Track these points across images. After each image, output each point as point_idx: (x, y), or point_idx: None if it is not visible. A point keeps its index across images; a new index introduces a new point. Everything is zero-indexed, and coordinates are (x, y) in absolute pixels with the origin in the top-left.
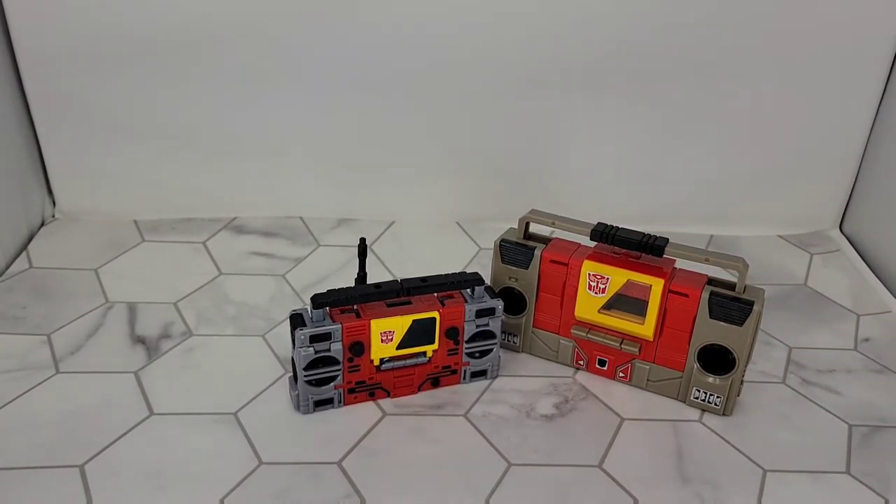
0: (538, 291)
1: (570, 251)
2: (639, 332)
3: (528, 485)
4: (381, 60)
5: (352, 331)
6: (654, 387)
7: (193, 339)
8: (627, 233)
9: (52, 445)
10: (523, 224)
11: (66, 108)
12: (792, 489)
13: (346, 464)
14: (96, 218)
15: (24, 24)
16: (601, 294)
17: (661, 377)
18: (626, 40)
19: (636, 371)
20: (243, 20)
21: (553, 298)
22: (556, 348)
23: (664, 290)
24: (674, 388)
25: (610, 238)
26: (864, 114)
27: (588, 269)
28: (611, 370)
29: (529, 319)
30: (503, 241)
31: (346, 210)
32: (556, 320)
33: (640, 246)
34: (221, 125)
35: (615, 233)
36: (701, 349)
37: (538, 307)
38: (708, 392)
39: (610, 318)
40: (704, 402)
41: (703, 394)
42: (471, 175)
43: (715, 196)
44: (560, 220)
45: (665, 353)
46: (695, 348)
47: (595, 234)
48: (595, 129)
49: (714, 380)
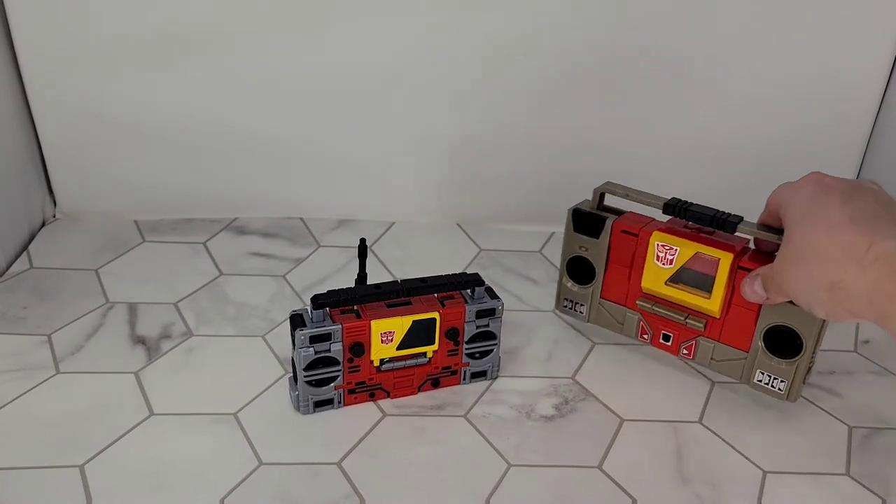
0: (607, 262)
1: (642, 223)
2: (705, 306)
3: (528, 485)
4: (381, 60)
5: (352, 331)
6: (718, 366)
7: (193, 339)
8: (700, 207)
9: (52, 445)
10: (597, 194)
11: (66, 108)
12: (792, 490)
13: (346, 464)
14: (96, 218)
15: (24, 24)
16: (668, 266)
17: (726, 356)
18: (625, 42)
19: (700, 348)
20: (244, 20)
21: (622, 270)
22: (622, 320)
23: (733, 265)
24: (737, 369)
25: (682, 212)
26: (865, 114)
27: (657, 240)
28: (675, 346)
29: (597, 290)
30: (576, 209)
31: (346, 211)
32: (624, 292)
33: (713, 221)
34: (221, 125)
35: (688, 207)
36: (767, 330)
37: (607, 278)
38: (772, 376)
39: (676, 290)
40: (768, 385)
41: (766, 377)
42: (471, 176)
43: (715, 197)
44: (634, 193)
45: (731, 331)
46: (761, 329)
47: (667, 208)
48: (596, 130)
49: (779, 363)
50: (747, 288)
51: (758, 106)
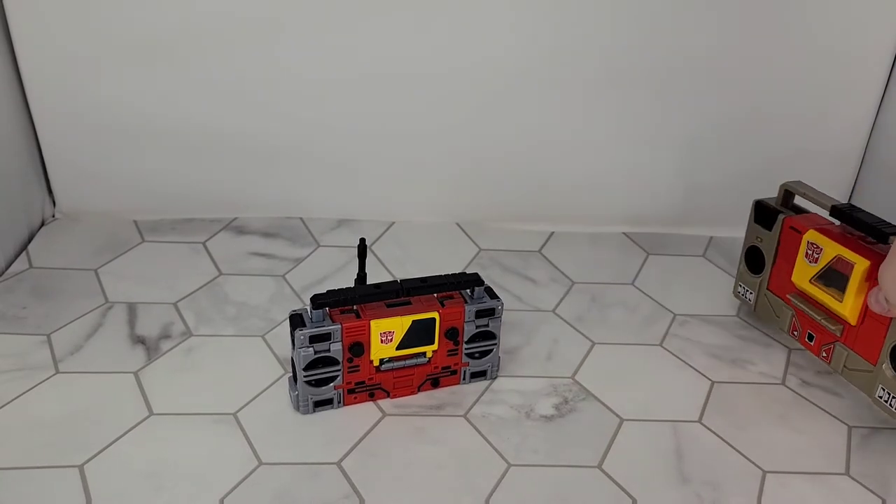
0: (776, 255)
1: (811, 223)
2: (839, 310)
3: (528, 485)
4: (380, 60)
5: (351, 331)
6: (849, 375)
7: (193, 339)
8: (863, 214)
9: (52, 445)
10: (782, 191)
11: (66, 108)
12: (791, 490)
13: (345, 464)
14: (96, 218)
15: (24, 24)
16: (814, 264)
17: (856, 366)
18: (626, 41)
19: (836, 354)
20: (244, 20)
21: (786, 265)
22: (779, 314)
23: (867, 271)
24: (865, 381)
25: (845, 216)
26: (865, 114)
27: (809, 238)
28: (816, 347)
29: (765, 281)
30: (758, 201)
31: (345, 210)
32: (784, 286)
33: (868, 228)
34: (221, 126)
35: (850, 211)
36: (895, 346)
37: (774, 270)
38: (892, 394)
39: (818, 290)
40: (887, 403)
41: (887, 394)
42: (471, 176)
43: (714, 197)
44: (810, 192)
45: (864, 341)
46: (889, 343)
47: (834, 210)
48: (596, 130)
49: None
50: (871, 297)
51: (760, 106)
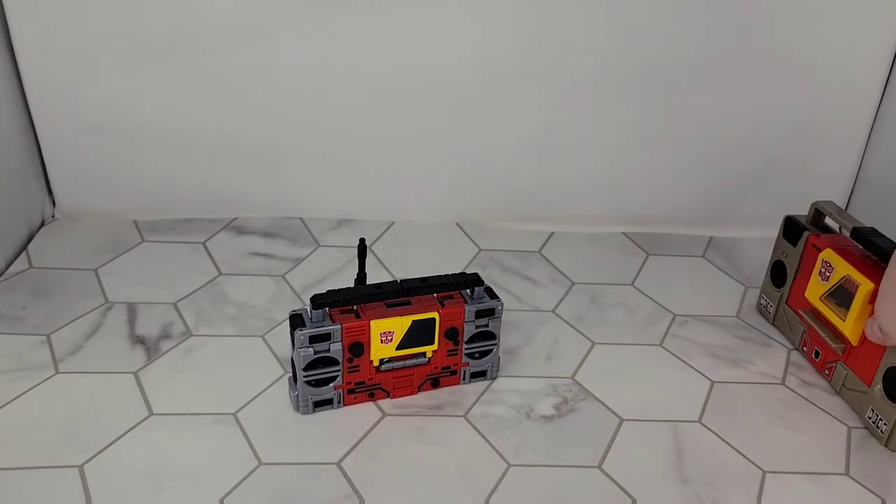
0: (797, 271)
1: (832, 241)
2: (841, 328)
3: (528, 485)
4: (380, 60)
5: (351, 331)
6: (846, 395)
7: (193, 339)
8: (880, 239)
9: (52, 445)
10: (813, 209)
11: (66, 108)
12: (791, 490)
13: (345, 464)
14: (96, 218)
15: (24, 24)
16: (825, 282)
17: (853, 386)
18: (627, 42)
19: (837, 372)
20: (244, 20)
21: (805, 281)
22: (793, 328)
23: (871, 293)
24: (860, 402)
25: (862, 239)
26: (865, 114)
27: (824, 256)
28: (821, 363)
29: (785, 295)
30: (788, 217)
31: (345, 210)
32: (799, 302)
33: (880, 251)
34: (221, 126)
35: (866, 234)
36: (889, 369)
37: (794, 285)
38: (880, 417)
39: (825, 307)
40: (874, 424)
41: (875, 415)
42: (470, 176)
43: (714, 197)
44: (835, 214)
45: (862, 362)
46: (884, 366)
47: (854, 233)
48: (595, 130)
49: (890, 406)
50: (867, 327)
51: (759, 106)
